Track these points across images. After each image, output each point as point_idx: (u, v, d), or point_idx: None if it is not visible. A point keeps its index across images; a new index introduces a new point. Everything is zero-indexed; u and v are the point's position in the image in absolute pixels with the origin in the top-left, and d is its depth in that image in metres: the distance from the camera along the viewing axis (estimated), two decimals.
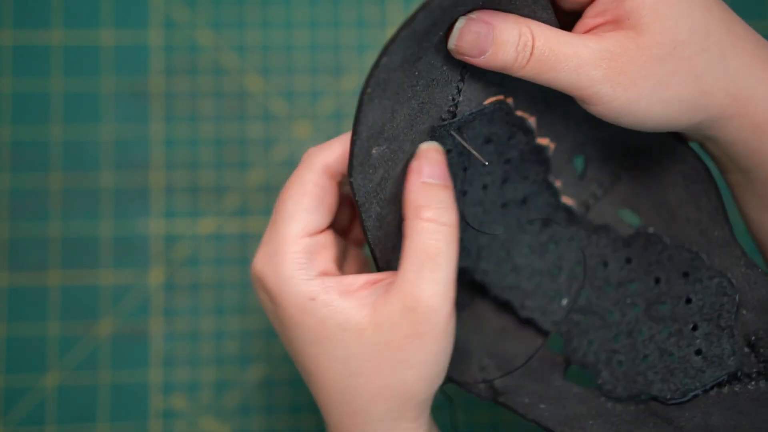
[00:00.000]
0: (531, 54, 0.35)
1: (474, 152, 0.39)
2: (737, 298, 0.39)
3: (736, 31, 0.35)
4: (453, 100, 0.39)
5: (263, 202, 0.57)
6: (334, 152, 0.38)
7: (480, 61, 0.36)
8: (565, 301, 0.44)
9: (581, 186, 0.44)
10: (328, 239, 0.38)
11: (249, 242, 0.57)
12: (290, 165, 0.57)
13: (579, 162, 0.44)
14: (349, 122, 0.58)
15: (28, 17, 0.58)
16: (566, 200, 0.44)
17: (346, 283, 0.37)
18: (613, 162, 0.43)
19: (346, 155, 0.38)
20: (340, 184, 0.40)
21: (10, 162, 0.57)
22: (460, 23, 0.35)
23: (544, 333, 0.44)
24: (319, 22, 0.59)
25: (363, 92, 0.34)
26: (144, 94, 0.58)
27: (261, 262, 0.37)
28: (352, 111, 0.58)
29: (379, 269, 0.39)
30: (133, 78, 0.58)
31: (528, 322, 0.45)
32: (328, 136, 0.58)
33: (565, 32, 0.35)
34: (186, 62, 0.58)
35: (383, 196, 0.38)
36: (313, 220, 0.37)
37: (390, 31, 0.59)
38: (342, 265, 0.43)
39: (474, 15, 0.35)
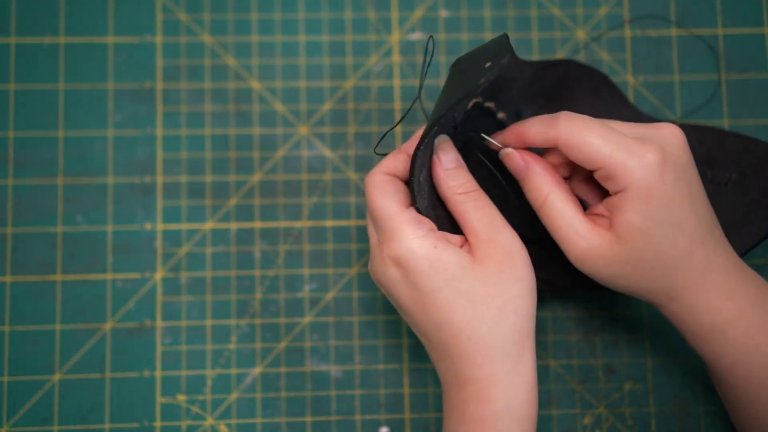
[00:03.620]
0: (542, 204, 0.47)
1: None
2: None
3: (699, 258, 0.46)
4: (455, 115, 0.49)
5: (263, 202, 0.57)
6: (388, 166, 0.48)
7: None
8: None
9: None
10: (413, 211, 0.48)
11: (250, 241, 0.57)
12: (290, 165, 0.58)
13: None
14: (349, 122, 0.59)
15: (32, 20, 0.58)
16: (500, 115, 0.54)
17: (448, 237, 0.47)
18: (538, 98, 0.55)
19: (399, 166, 0.48)
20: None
21: (13, 163, 0.57)
22: (504, 152, 0.49)
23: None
24: (320, 24, 0.59)
25: (428, 135, 0.46)
26: (146, 94, 0.58)
27: (388, 248, 0.46)
28: (352, 111, 0.59)
29: None
30: (136, 79, 0.58)
31: None
32: (328, 136, 0.58)
33: (573, 208, 0.47)
34: (188, 63, 0.58)
35: (427, 188, 0.49)
36: (404, 198, 0.47)
37: (390, 32, 0.60)
38: None
39: (510, 151, 0.48)
